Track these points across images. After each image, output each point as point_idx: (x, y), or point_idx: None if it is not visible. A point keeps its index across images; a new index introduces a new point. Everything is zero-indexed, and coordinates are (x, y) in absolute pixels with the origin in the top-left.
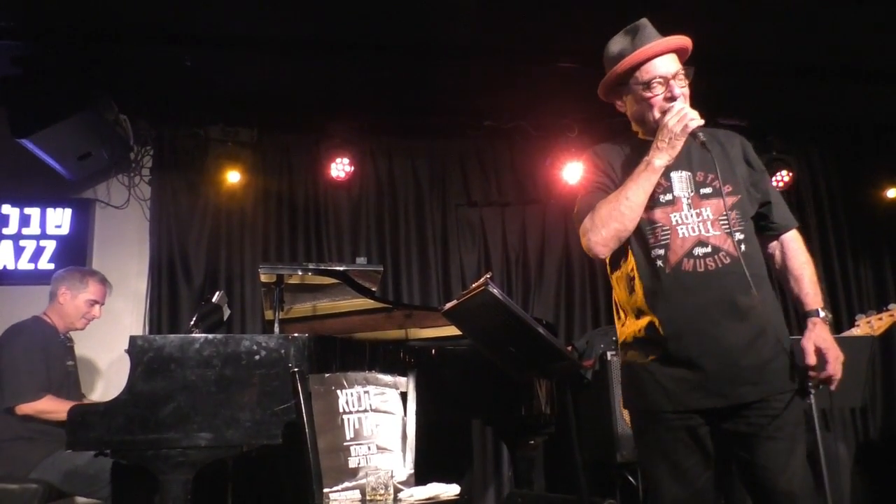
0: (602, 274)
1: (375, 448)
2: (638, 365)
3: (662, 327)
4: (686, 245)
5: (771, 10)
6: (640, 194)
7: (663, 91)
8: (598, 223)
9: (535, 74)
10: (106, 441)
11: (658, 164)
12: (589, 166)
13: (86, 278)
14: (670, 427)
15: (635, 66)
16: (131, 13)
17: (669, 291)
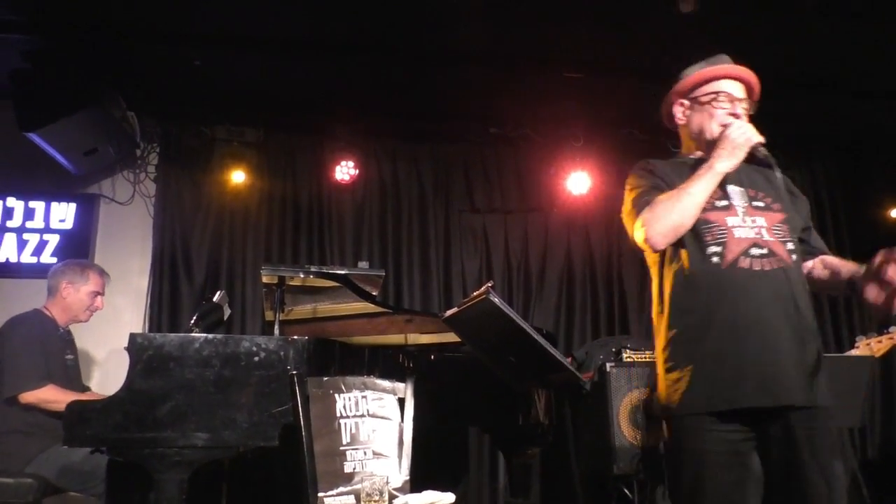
0: (604, 284)
1: (371, 453)
2: (682, 365)
3: (717, 323)
4: (742, 245)
5: (776, 26)
6: (701, 192)
7: (729, 107)
8: (659, 215)
9: (542, 83)
10: (102, 438)
11: (720, 168)
12: (640, 172)
13: (86, 271)
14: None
15: (710, 78)
16: (142, 11)
17: (726, 287)
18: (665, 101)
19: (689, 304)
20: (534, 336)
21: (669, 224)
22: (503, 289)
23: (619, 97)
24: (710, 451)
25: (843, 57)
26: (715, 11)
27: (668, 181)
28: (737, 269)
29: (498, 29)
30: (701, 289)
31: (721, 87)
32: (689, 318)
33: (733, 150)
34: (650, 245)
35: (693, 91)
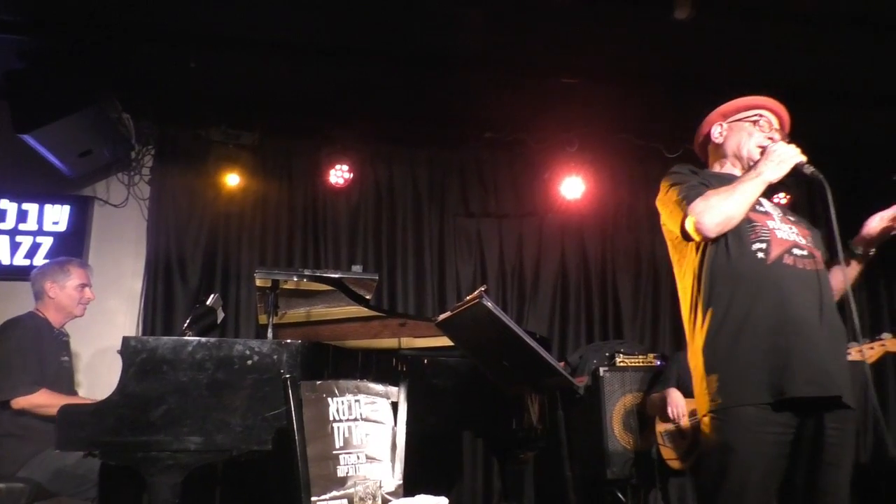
0: (598, 289)
1: (365, 457)
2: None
3: (762, 317)
4: (785, 245)
5: (770, 33)
6: (751, 193)
7: (768, 132)
8: (713, 205)
9: (538, 88)
10: (95, 442)
11: (766, 177)
12: (684, 170)
13: (66, 266)
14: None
15: (753, 106)
16: (138, 12)
17: (771, 281)
18: (706, 120)
19: (734, 298)
20: (527, 340)
21: (724, 215)
22: (497, 293)
23: (614, 103)
24: (761, 449)
25: (836, 64)
26: (710, 18)
27: (712, 185)
28: (782, 264)
29: (494, 34)
30: (746, 282)
31: (767, 115)
32: (736, 312)
33: (780, 163)
34: (703, 232)
35: (736, 114)
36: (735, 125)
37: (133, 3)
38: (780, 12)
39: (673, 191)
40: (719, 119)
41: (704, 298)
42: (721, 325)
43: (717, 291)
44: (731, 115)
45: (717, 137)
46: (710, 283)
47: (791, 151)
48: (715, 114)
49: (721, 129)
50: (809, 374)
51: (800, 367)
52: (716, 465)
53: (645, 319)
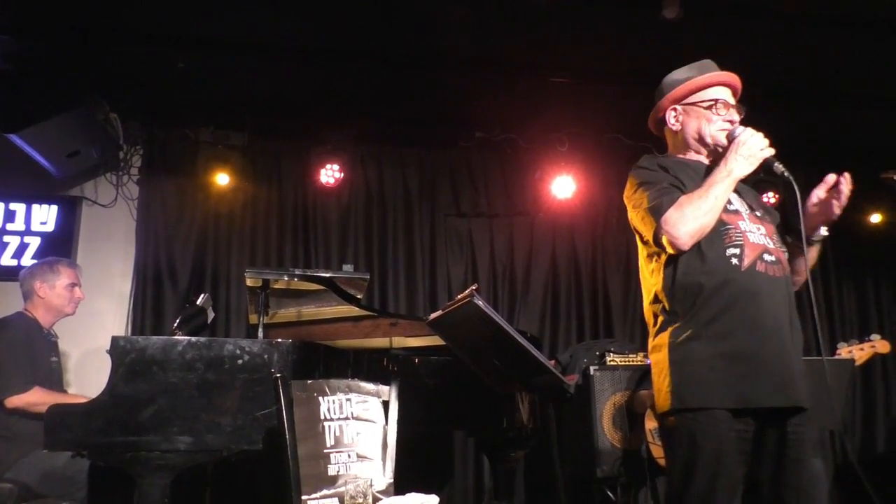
0: (589, 288)
1: (356, 456)
2: (697, 361)
3: (734, 323)
4: (757, 250)
5: (758, 32)
6: (723, 196)
7: (725, 114)
8: (687, 215)
9: (528, 88)
10: (84, 442)
11: (737, 174)
12: (652, 167)
13: (55, 266)
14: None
15: (705, 86)
16: (126, 13)
17: (745, 289)
18: (657, 106)
19: (708, 303)
20: (517, 339)
21: (698, 225)
22: (489, 292)
23: (604, 102)
24: (726, 447)
25: (823, 64)
26: (698, 17)
27: (681, 179)
28: (755, 272)
29: (483, 34)
30: (720, 288)
31: (717, 94)
32: (706, 315)
33: (749, 157)
34: (677, 245)
35: (688, 97)
36: (690, 110)
37: (121, 4)
38: (767, 11)
39: (642, 193)
40: (671, 104)
41: (675, 300)
42: (691, 327)
43: (690, 294)
44: (684, 100)
45: (674, 125)
46: (682, 285)
47: (760, 144)
48: (666, 99)
49: (676, 114)
50: (775, 384)
51: (766, 376)
52: (682, 465)
53: (635, 318)
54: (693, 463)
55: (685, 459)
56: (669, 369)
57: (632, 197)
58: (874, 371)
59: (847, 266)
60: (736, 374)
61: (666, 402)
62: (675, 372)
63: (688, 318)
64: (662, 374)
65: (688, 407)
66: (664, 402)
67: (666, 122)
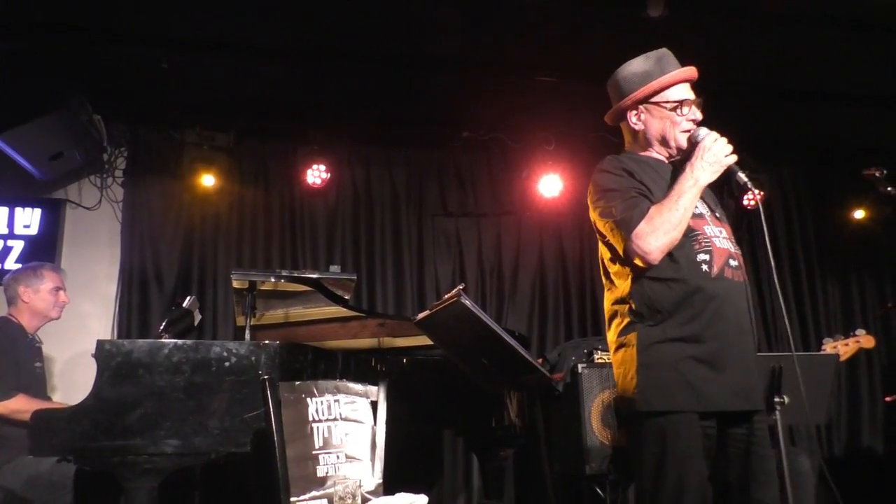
0: (576, 286)
1: (344, 457)
2: (666, 364)
3: (702, 328)
4: (724, 255)
5: (744, 31)
6: (691, 206)
7: (688, 113)
8: (658, 229)
9: (514, 87)
10: (70, 447)
11: (703, 182)
12: (617, 171)
13: (39, 270)
14: (696, 434)
15: (667, 86)
16: (108, 13)
17: (713, 295)
18: (618, 104)
19: (678, 308)
20: (505, 338)
21: (668, 240)
22: (477, 292)
23: (590, 101)
24: (694, 448)
25: (808, 62)
26: (683, 16)
27: (645, 184)
28: (723, 278)
29: (470, 34)
30: (693, 294)
31: (680, 93)
32: (676, 321)
33: (714, 165)
34: (648, 260)
35: (651, 97)
36: (653, 110)
37: (104, 4)
38: (751, 10)
39: (609, 201)
40: (632, 104)
41: (645, 303)
42: (660, 331)
43: (661, 298)
44: (647, 100)
45: (637, 124)
46: (653, 289)
47: (723, 150)
48: (628, 99)
49: (637, 113)
50: (738, 388)
51: (730, 380)
52: (651, 466)
53: None
54: (661, 464)
55: (654, 461)
56: (637, 371)
57: (597, 203)
58: (859, 365)
59: (831, 261)
60: (701, 377)
61: (634, 404)
62: (642, 374)
63: (657, 322)
64: (629, 375)
65: (655, 410)
66: (631, 403)
67: (627, 120)
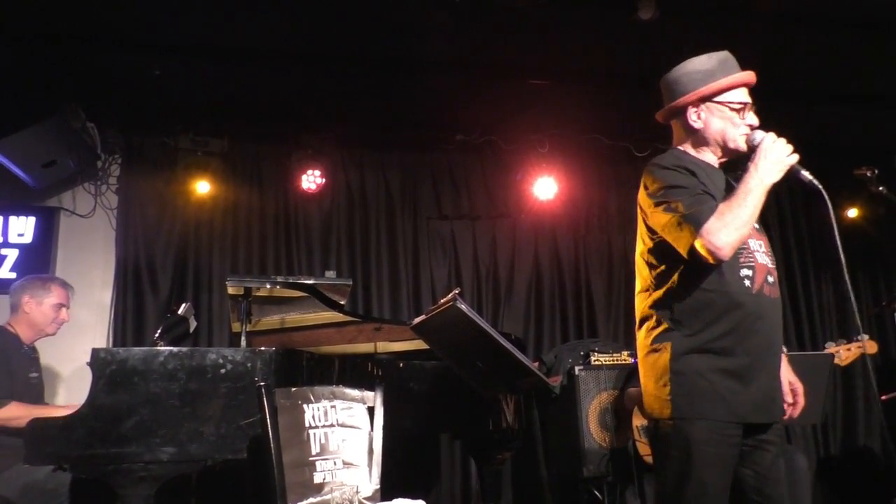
0: (572, 288)
1: (341, 463)
2: (697, 374)
3: (736, 342)
4: (763, 272)
5: (734, 32)
6: (758, 206)
7: (749, 119)
8: (729, 225)
9: (507, 90)
10: (65, 455)
11: (769, 182)
12: (677, 171)
13: (48, 284)
14: (723, 443)
15: (733, 87)
16: (100, 20)
17: (751, 310)
18: (678, 100)
19: (718, 321)
20: (500, 341)
21: (739, 236)
22: (473, 295)
23: (583, 103)
24: (719, 456)
25: (799, 62)
26: (674, 18)
27: (706, 185)
28: (762, 295)
29: (462, 37)
30: (733, 309)
31: (743, 96)
32: (715, 333)
33: (777, 164)
34: (719, 256)
35: (716, 96)
36: (715, 109)
37: (95, 11)
38: (741, 10)
39: (675, 197)
40: (696, 101)
41: (686, 311)
42: (698, 342)
43: (704, 309)
44: (710, 98)
45: (696, 122)
46: (697, 298)
47: (784, 150)
48: (692, 94)
49: (698, 111)
50: (763, 403)
51: (756, 395)
52: (675, 472)
53: (619, 318)
54: (687, 471)
55: (679, 467)
56: (671, 378)
57: (659, 198)
58: (854, 364)
59: (825, 257)
60: (730, 389)
61: (664, 410)
62: (676, 382)
63: (694, 331)
64: (661, 381)
65: (686, 416)
66: (662, 409)
67: (685, 117)
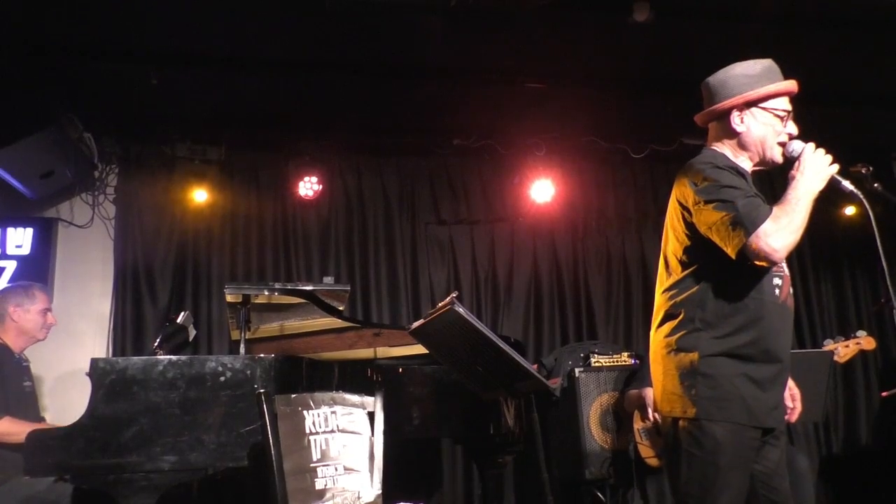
0: (571, 291)
1: (343, 469)
2: (725, 377)
3: (762, 350)
4: (788, 282)
5: (728, 34)
6: (807, 214)
7: (789, 128)
8: (784, 228)
9: (503, 94)
10: (65, 466)
11: (814, 191)
12: (727, 171)
13: (30, 291)
14: (745, 446)
15: (779, 94)
16: (96, 30)
17: (775, 318)
18: (724, 101)
19: (747, 326)
20: (499, 345)
21: (793, 240)
22: (472, 299)
23: (579, 106)
24: (743, 458)
25: (792, 63)
26: (669, 20)
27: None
28: (785, 305)
29: (458, 42)
30: (762, 317)
31: (786, 104)
32: (743, 338)
33: (820, 174)
34: (773, 258)
35: (762, 102)
36: (760, 115)
37: (91, 21)
38: (735, 13)
39: (727, 196)
40: (742, 103)
41: (718, 312)
42: (727, 344)
43: (736, 313)
44: (757, 103)
45: (739, 125)
46: (732, 303)
47: (826, 160)
48: (739, 97)
49: (741, 115)
50: (775, 408)
51: (768, 400)
52: (702, 469)
53: (618, 319)
54: (713, 472)
55: (704, 468)
56: (699, 380)
57: (709, 195)
58: (854, 362)
59: (823, 260)
60: (752, 395)
61: (688, 410)
62: (703, 383)
63: (725, 334)
64: (686, 381)
65: (712, 418)
66: (685, 409)
67: (728, 120)
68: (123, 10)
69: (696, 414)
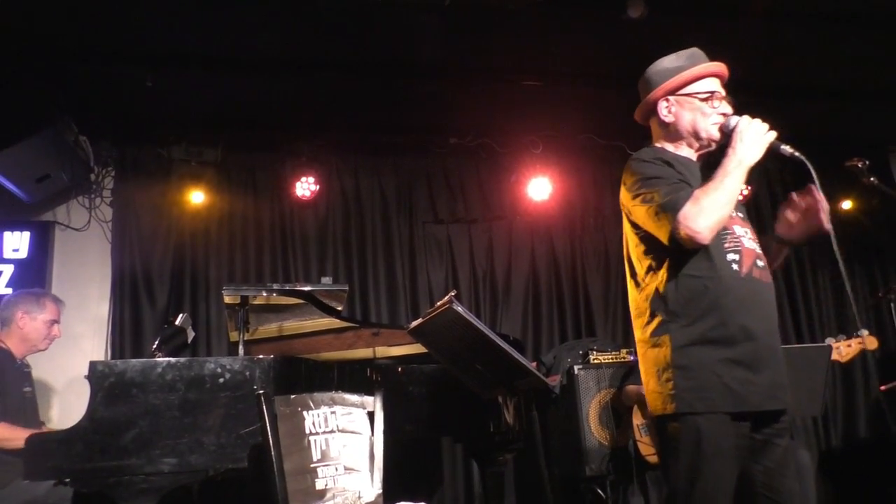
0: (569, 288)
1: (343, 469)
2: (703, 367)
3: (736, 329)
4: (751, 255)
5: (723, 30)
6: (736, 188)
7: (719, 106)
8: (705, 209)
9: (500, 92)
10: (65, 469)
11: (748, 162)
12: (656, 162)
13: (41, 300)
14: (731, 434)
15: (700, 77)
16: (91, 33)
17: (745, 295)
18: (648, 96)
19: (712, 308)
20: (498, 343)
21: (717, 218)
22: (470, 297)
23: (576, 103)
24: (729, 449)
25: (788, 57)
26: (663, 16)
27: (684, 176)
28: (752, 278)
29: (454, 41)
30: (725, 294)
31: (711, 85)
32: (711, 321)
33: (755, 144)
34: (698, 240)
35: (683, 89)
36: (683, 101)
37: (85, 23)
38: (730, 9)
39: (651, 188)
40: (663, 95)
41: (680, 300)
42: (696, 332)
43: (697, 296)
44: (677, 91)
45: (667, 116)
46: (689, 287)
47: (760, 129)
48: (660, 89)
49: (668, 105)
50: (769, 389)
51: (762, 381)
52: (686, 468)
53: (616, 316)
54: (698, 465)
55: (690, 462)
56: (673, 373)
57: (637, 191)
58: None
59: (821, 250)
60: (739, 379)
61: (669, 405)
62: (679, 376)
63: (691, 321)
64: (663, 376)
65: (693, 411)
66: (665, 405)
67: (657, 113)
68: (117, 12)
69: (675, 409)
